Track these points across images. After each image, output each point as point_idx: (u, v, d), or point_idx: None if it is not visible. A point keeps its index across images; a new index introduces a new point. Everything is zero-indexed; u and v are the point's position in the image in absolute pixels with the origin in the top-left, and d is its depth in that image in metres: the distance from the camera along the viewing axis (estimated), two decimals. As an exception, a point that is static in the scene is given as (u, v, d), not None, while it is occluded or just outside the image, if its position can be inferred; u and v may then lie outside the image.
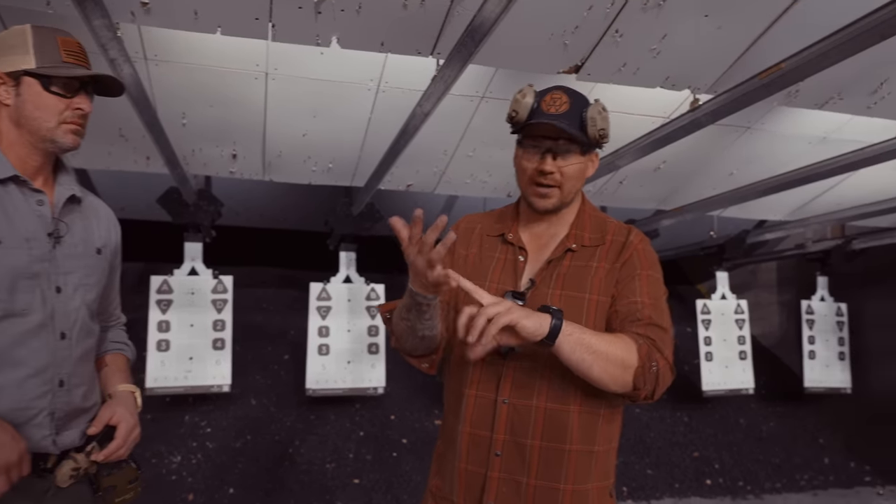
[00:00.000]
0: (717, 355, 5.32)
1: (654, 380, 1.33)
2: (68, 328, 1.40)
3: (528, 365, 1.38)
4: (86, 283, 1.46)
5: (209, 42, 2.82)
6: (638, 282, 1.42)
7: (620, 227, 1.52)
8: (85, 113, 1.43)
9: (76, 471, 1.40)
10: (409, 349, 1.49)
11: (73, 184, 1.49)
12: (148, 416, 4.72)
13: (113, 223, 1.62)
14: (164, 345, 4.33)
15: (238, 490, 4.42)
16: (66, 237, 1.43)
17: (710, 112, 2.65)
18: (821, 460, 5.62)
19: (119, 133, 3.51)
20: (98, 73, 1.43)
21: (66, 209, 1.46)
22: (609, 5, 2.18)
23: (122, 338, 1.71)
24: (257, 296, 5.89)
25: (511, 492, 1.36)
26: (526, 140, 1.46)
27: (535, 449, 1.36)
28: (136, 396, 1.56)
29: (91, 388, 1.49)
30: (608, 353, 1.28)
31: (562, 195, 1.45)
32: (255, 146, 3.75)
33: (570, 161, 1.42)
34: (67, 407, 1.40)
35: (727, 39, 2.36)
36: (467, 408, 1.41)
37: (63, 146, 1.42)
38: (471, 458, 1.40)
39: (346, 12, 2.17)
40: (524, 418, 1.37)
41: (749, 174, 4.16)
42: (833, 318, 5.66)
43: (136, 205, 5.38)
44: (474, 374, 1.42)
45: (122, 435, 1.45)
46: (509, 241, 1.51)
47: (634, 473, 5.15)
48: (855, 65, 2.49)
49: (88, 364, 1.49)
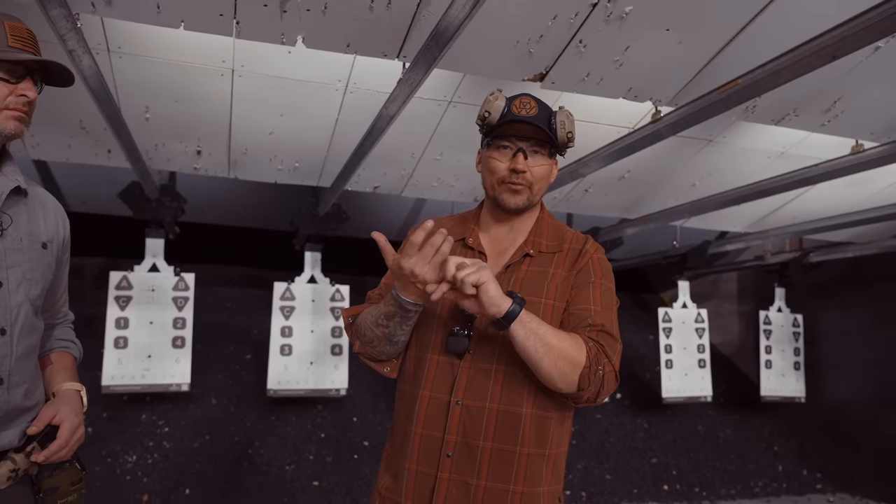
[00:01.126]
0: (677, 363, 5.41)
1: (598, 382, 1.36)
2: (9, 324, 1.35)
3: (484, 367, 1.40)
4: (30, 278, 1.40)
5: (174, 36, 2.79)
6: (592, 289, 1.46)
7: (578, 236, 1.56)
8: (30, 100, 1.37)
9: (14, 472, 1.35)
10: (376, 355, 1.51)
11: (18, 175, 1.43)
12: (104, 415, 4.64)
13: (61, 217, 1.55)
14: (122, 342, 4.26)
15: (195, 491, 4.36)
16: (10, 230, 1.38)
17: (670, 124, 2.70)
18: (775, 468, 5.74)
19: (80, 125, 3.45)
20: (45, 60, 1.38)
21: (11, 201, 1.40)
22: (573, 16, 2.21)
23: (70, 336, 1.66)
24: (221, 294, 5.83)
25: (461, 493, 1.37)
26: (496, 141, 1.49)
27: (487, 451, 1.37)
28: (81, 395, 1.53)
29: (33, 387, 1.44)
30: (560, 348, 1.32)
31: (531, 195, 1.49)
32: (220, 143, 3.71)
33: (539, 162, 1.48)
34: (7, 406, 1.35)
35: (688, 54, 2.41)
36: (420, 409, 1.42)
37: (5, 133, 1.36)
38: (421, 459, 1.41)
39: (311, 12, 2.16)
40: (476, 420, 1.38)
41: (710, 186, 4.24)
42: (790, 328, 5.80)
43: (99, 199, 5.30)
44: (429, 375, 1.43)
45: (64, 435, 1.41)
46: (469, 245, 1.54)
47: (594, 479, 5.21)
48: (810, 83, 2.57)
49: (31, 362, 1.44)
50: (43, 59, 1.38)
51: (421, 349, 1.47)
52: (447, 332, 1.42)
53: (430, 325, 1.47)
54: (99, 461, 4.38)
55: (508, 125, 1.46)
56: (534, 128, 1.44)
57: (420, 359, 1.47)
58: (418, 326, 1.48)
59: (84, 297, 5.43)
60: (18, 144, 3.60)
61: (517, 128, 1.46)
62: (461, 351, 1.40)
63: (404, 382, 1.52)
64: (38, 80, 1.42)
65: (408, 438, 1.43)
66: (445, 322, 1.44)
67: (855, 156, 3.05)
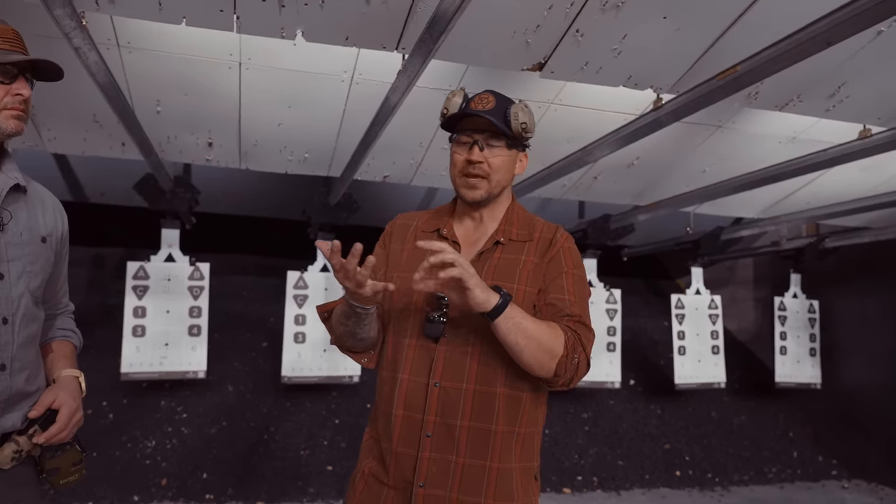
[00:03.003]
0: (690, 349, 5.40)
1: (573, 370, 1.43)
2: (11, 314, 1.43)
3: (459, 349, 1.46)
4: (30, 271, 1.47)
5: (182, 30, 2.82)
6: (565, 279, 1.51)
7: (548, 226, 1.61)
8: (25, 98, 1.44)
9: (18, 453, 1.42)
10: (349, 347, 1.60)
11: (16, 172, 1.50)
12: (124, 401, 4.76)
13: (59, 212, 1.62)
14: (140, 330, 4.36)
15: (212, 475, 4.47)
16: (10, 225, 1.44)
17: (671, 111, 2.70)
18: (789, 454, 5.72)
19: (94, 119, 3.53)
20: (34, 59, 1.44)
21: (11, 198, 1.47)
22: (569, 6, 2.22)
23: (70, 325, 1.74)
24: (237, 283, 5.92)
25: (441, 472, 1.43)
26: (457, 136, 1.56)
27: (465, 429, 1.43)
28: (80, 381, 1.59)
29: (35, 373, 1.51)
30: (540, 340, 1.38)
31: (489, 186, 1.54)
32: (230, 135, 3.77)
33: (496, 153, 1.53)
34: (9, 391, 1.42)
35: (686, 41, 2.41)
36: (400, 392, 1.48)
37: (6, 132, 1.43)
38: (402, 440, 1.46)
39: (309, 6, 2.20)
40: (454, 400, 1.44)
41: (721, 172, 4.22)
42: (805, 314, 5.75)
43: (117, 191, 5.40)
44: (407, 359, 1.49)
45: (63, 418, 1.47)
46: (444, 235, 1.59)
47: (606, 464, 5.24)
48: (813, 68, 2.55)
49: (32, 349, 1.51)
50: (32, 58, 1.43)
51: (398, 335, 1.53)
52: (423, 318, 1.48)
53: (406, 311, 1.52)
54: (120, 446, 4.50)
55: (463, 119, 1.53)
56: (486, 120, 1.50)
57: (398, 344, 1.52)
58: (395, 313, 1.55)
59: (104, 287, 5.57)
60: (35, 138, 3.69)
61: (472, 121, 1.52)
62: (437, 335, 1.46)
63: (384, 368, 1.58)
64: (30, 77, 1.47)
65: (390, 421, 1.49)
66: (421, 308, 1.50)
67: (862, 141, 3.02)
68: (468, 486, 1.42)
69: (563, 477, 5.06)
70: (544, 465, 5.10)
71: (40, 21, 2.44)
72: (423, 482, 1.43)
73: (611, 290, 5.32)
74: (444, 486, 1.42)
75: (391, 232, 1.66)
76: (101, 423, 4.58)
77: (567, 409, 5.60)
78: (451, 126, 1.57)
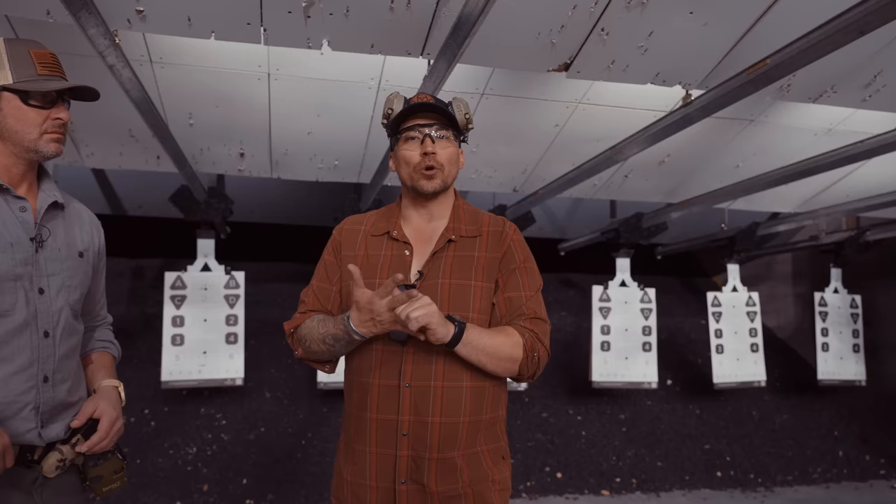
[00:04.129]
0: (728, 348, 5.30)
1: (535, 366, 1.56)
2: (51, 327, 1.48)
3: (425, 349, 1.51)
4: (69, 285, 1.52)
5: (212, 44, 2.89)
6: (519, 275, 1.60)
7: (494, 219, 1.67)
8: (64, 122, 1.50)
9: (62, 462, 1.47)
10: (316, 359, 1.65)
11: (55, 190, 1.56)
12: (165, 409, 4.86)
13: (96, 227, 1.68)
14: (179, 339, 4.45)
15: (252, 481, 4.53)
16: (49, 241, 1.50)
17: (701, 107, 2.66)
18: (835, 453, 5.58)
19: (129, 134, 3.62)
20: (73, 85, 1.49)
21: (49, 215, 1.53)
22: (593, 4, 2.20)
23: (109, 337, 1.79)
24: (272, 290, 6.00)
25: (418, 467, 1.50)
26: (404, 134, 1.61)
27: (437, 425, 1.50)
28: (119, 391, 1.64)
29: (76, 384, 1.56)
30: (499, 352, 1.51)
31: (444, 176, 1.60)
32: (261, 145, 3.83)
33: (445, 146, 1.60)
34: (52, 401, 1.47)
35: (714, 36, 2.37)
36: (372, 396, 1.53)
37: (46, 155, 1.49)
38: (380, 441, 1.52)
39: (334, 16, 2.22)
40: (425, 398, 1.50)
41: (755, 166, 4.14)
42: (847, 310, 5.61)
43: (153, 203, 5.53)
44: (376, 364, 1.54)
45: (104, 428, 1.52)
46: (394, 237, 1.63)
47: (644, 465, 5.17)
48: (847, 58, 2.50)
49: (73, 361, 1.56)
50: (70, 85, 1.48)
51: (366, 341, 1.55)
52: None
53: None
54: (162, 453, 4.59)
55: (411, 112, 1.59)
56: (432, 115, 1.58)
57: (365, 350, 1.56)
58: None
59: (143, 297, 5.70)
60: (74, 154, 3.80)
61: (418, 118, 1.59)
62: (403, 339, 1.51)
63: (353, 373, 1.61)
64: (68, 99, 1.52)
65: (364, 425, 1.54)
66: None
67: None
68: (444, 476, 1.49)
69: (602, 479, 5.01)
70: (581, 466, 5.06)
71: (74, 40, 2.51)
72: (405, 478, 1.50)
73: (645, 290, 5.26)
74: (422, 479, 1.49)
75: (340, 240, 1.70)
76: (143, 430, 4.68)
77: (603, 411, 5.55)
78: (395, 128, 1.63)
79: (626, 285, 5.27)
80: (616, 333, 5.15)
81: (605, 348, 5.11)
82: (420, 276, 1.57)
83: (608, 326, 5.15)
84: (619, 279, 5.27)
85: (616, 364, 5.12)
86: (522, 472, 4.92)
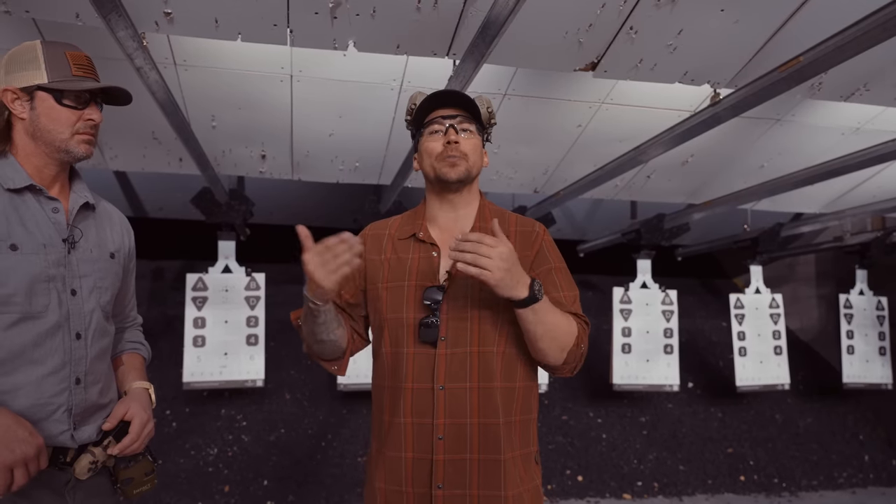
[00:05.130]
0: (751, 350, 5.24)
1: (579, 359, 1.53)
2: (83, 329, 1.47)
3: (458, 351, 1.49)
4: (100, 286, 1.52)
5: (235, 46, 2.90)
6: (556, 275, 1.57)
7: (523, 219, 1.64)
8: (96, 123, 1.50)
9: (94, 464, 1.47)
10: (318, 353, 1.60)
11: (86, 191, 1.56)
12: (186, 410, 4.88)
13: (126, 228, 1.68)
14: (200, 340, 4.46)
15: (272, 482, 4.54)
16: (81, 242, 1.50)
17: (730, 106, 2.62)
18: (861, 457, 5.49)
19: (152, 136, 3.63)
20: (106, 86, 1.49)
21: (81, 216, 1.53)
22: (622, 3, 2.18)
23: (139, 338, 1.79)
24: (292, 292, 5.99)
25: (457, 471, 1.46)
26: (428, 127, 1.59)
27: (475, 426, 1.47)
28: (150, 393, 1.63)
29: (107, 386, 1.56)
30: (557, 330, 1.46)
31: (468, 165, 1.57)
32: (283, 146, 3.84)
33: (468, 137, 1.58)
34: (84, 403, 1.47)
35: (745, 33, 2.34)
36: (405, 400, 1.50)
37: (77, 155, 1.49)
38: (416, 446, 1.49)
39: (360, 16, 2.21)
40: (460, 400, 1.48)
41: (780, 166, 4.09)
42: (873, 311, 5.52)
43: (175, 205, 5.56)
44: (408, 368, 1.51)
45: (135, 430, 1.51)
46: (421, 239, 1.60)
47: (666, 469, 5.12)
48: (880, 56, 2.45)
49: (104, 362, 1.55)
50: (105, 85, 1.48)
51: (395, 345, 1.53)
52: (417, 324, 1.50)
53: (398, 321, 1.53)
54: (184, 454, 4.61)
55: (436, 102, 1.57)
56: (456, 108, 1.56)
57: (396, 354, 1.53)
58: (388, 324, 1.55)
59: (165, 299, 5.72)
60: (98, 157, 3.82)
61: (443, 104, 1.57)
62: (433, 339, 1.49)
63: (383, 378, 1.57)
64: (100, 101, 1.52)
65: (398, 430, 1.50)
66: (413, 314, 1.52)
67: (935, 129, 2.88)
68: (486, 480, 1.46)
69: (623, 482, 4.96)
70: (602, 469, 5.01)
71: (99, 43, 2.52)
72: (442, 483, 1.46)
73: (666, 291, 5.20)
74: (463, 484, 1.46)
75: (365, 243, 1.64)
76: (165, 431, 4.70)
77: (624, 414, 5.50)
78: (418, 123, 1.61)
79: (647, 287, 5.22)
80: (637, 335, 5.10)
81: (625, 350, 5.07)
82: (449, 276, 1.53)
83: (629, 328, 5.11)
84: (640, 281, 5.22)
85: (637, 366, 5.07)
86: (543, 475, 4.87)
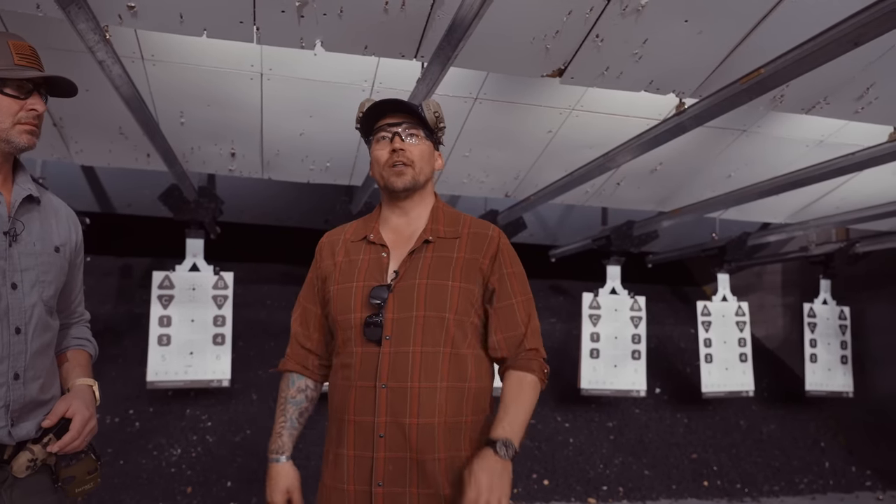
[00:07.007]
0: (717, 357, 5.31)
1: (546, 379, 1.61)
2: (23, 323, 1.44)
3: (401, 350, 1.51)
4: (43, 280, 1.49)
5: (204, 42, 2.86)
6: (510, 281, 1.60)
7: (476, 221, 1.67)
8: (39, 113, 1.47)
9: (33, 462, 1.44)
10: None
11: (29, 183, 1.53)
12: (150, 409, 4.81)
13: (73, 222, 1.65)
14: (166, 339, 4.40)
15: (236, 483, 4.49)
16: (23, 235, 1.46)
17: (694, 116, 2.66)
18: (821, 464, 5.59)
19: (119, 131, 3.58)
20: (49, 75, 1.47)
21: (24, 208, 1.50)
22: (588, 11, 2.20)
23: (85, 334, 1.75)
24: (262, 292, 5.96)
25: (396, 469, 1.49)
26: (376, 135, 1.63)
27: (413, 426, 1.49)
28: (94, 390, 1.60)
29: (49, 382, 1.52)
30: (531, 407, 1.57)
31: (414, 173, 1.59)
32: (253, 145, 3.81)
33: (415, 143, 1.60)
34: (23, 399, 1.44)
35: (709, 44, 2.37)
36: (351, 398, 1.53)
37: (19, 146, 1.46)
38: (357, 443, 1.51)
39: (328, 16, 2.21)
40: (401, 399, 1.49)
41: (746, 176, 4.16)
42: (836, 321, 5.63)
43: (143, 201, 5.48)
44: (356, 366, 1.54)
45: (76, 427, 1.48)
46: (371, 240, 1.64)
47: (631, 474, 5.16)
48: (840, 70, 2.50)
49: (46, 358, 1.52)
50: (47, 74, 1.46)
51: (346, 344, 1.57)
52: (363, 324, 1.53)
53: (347, 320, 1.57)
54: (146, 454, 4.54)
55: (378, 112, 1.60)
56: (402, 114, 1.59)
57: (347, 353, 1.57)
58: (338, 324, 1.60)
59: (131, 296, 5.64)
60: (63, 150, 3.76)
61: (388, 112, 1.60)
62: (377, 338, 1.51)
63: (336, 377, 1.61)
64: (45, 93, 1.49)
65: (343, 427, 1.54)
66: (361, 314, 1.55)
67: (893, 143, 2.95)
68: (424, 478, 1.48)
69: (588, 487, 4.99)
70: (567, 474, 5.04)
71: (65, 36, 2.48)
72: (381, 481, 1.48)
73: (635, 298, 5.26)
74: (403, 482, 1.48)
75: (321, 253, 1.72)
76: (127, 430, 4.62)
77: (592, 418, 5.54)
78: (366, 131, 1.65)
79: (616, 293, 5.27)
80: (605, 341, 5.14)
81: (594, 355, 5.11)
82: (396, 275, 1.56)
83: (598, 334, 5.15)
84: (609, 287, 5.26)
85: (605, 372, 5.11)
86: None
